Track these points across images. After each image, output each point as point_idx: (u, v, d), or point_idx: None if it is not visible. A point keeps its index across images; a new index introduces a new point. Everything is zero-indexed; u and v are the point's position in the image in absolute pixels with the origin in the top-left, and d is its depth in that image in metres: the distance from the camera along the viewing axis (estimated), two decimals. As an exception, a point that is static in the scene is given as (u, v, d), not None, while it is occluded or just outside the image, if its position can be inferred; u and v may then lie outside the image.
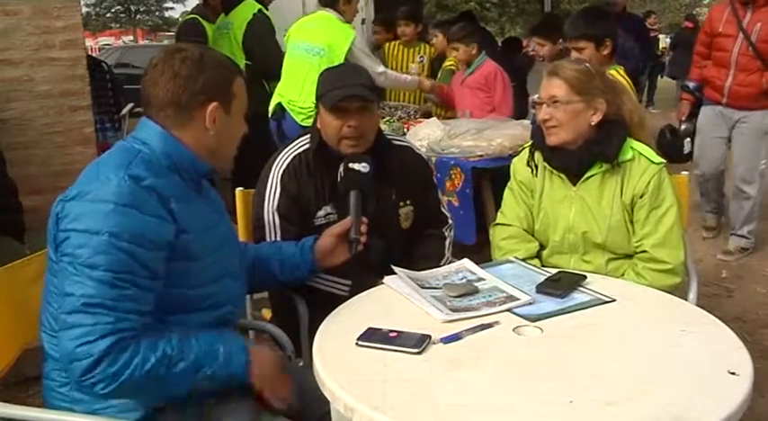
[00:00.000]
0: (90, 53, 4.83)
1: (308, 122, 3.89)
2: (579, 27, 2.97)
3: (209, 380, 1.38)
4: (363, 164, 1.85)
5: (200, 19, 4.94)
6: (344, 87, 1.92)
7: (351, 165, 1.86)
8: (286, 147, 2.07)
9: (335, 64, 3.48)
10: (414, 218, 2.13)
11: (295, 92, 3.88)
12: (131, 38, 37.09)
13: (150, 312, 1.36)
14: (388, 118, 4.16)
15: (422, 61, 4.89)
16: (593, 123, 1.95)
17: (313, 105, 3.90)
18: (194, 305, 1.46)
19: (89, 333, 1.27)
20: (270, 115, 4.00)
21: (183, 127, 1.45)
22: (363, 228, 1.78)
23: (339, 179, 1.89)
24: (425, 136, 3.64)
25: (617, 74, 2.77)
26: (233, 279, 1.58)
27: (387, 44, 5.06)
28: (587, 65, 2.00)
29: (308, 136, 2.06)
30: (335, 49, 3.73)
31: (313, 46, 3.81)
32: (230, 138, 1.54)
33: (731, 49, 3.98)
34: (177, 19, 41.38)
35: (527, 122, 3.61)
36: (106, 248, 1.29)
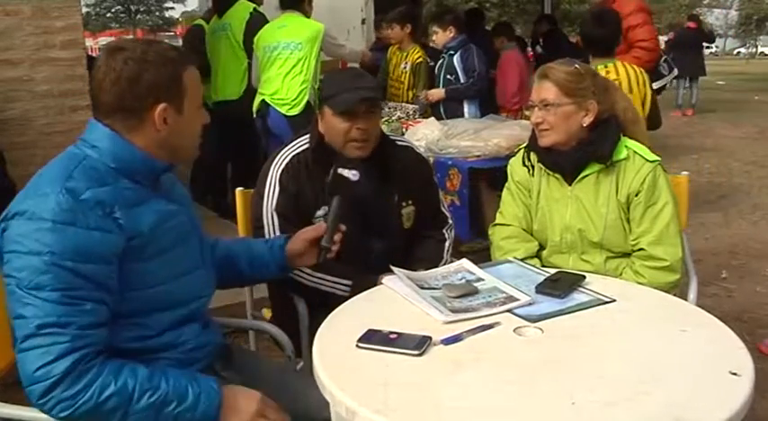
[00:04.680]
0: (90, 53, 4.84)
1: (293, 112, 4.09)
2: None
3: None
4: (354, 172, 1.83)
5: (205, 24, 5.01)
6: (355, 91, 1.91)
7: (340, 170, 1.83)
8: (285, 146, 2.07)
9: (313, 54, 4.12)
10: (415, 218, 2.13)
11: (276, 86, 4.14)
12: (131, 38, 37.06)
13: (107, 323, 1.32)
14: (386, 118, 4.17)
15: (405, 69, 4.86)
16: (585, 125, 1.95)
17: (296, 95, 4.09)
18: (155, 304, 1.42)
19: (46, 353, 1.23)
20: (254, 114, 4.24)
21: (133, 130, 1.39)
22: (337, 237, 1.73)
23: (327, 182, 1.87)
24: (424, 136, 3.64)
25: (602, 68, 2.83)
26: (197, 270, 1.53)
27: (390, 48, 5.05)
28: (577, 66, 2.00)
29: (307, 136, 2.05)
30: (311, 41, 4.15)
31: (290, 42, 4.14)
32: (187, 134, 1.47)
33: None
34: (177, 19, 41.40)
35: (525, 122, 3.62)
36: (48, 268, 1.25)
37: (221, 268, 1.71)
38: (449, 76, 4.54)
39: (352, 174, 1.82)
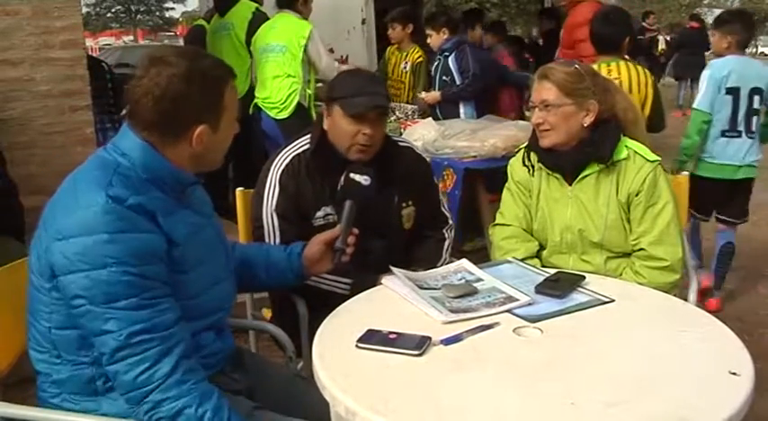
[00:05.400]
0: (90, 53, 4.84)
1: (282, 115, 4.09)
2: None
3: None
4: (365, 177, 1.83)
5: (206, 25, 5.01)
6: (370, 96, 1.90)
7: (352, 175, 1.83)
8: (285, 147, 2.07)
9: (300, 55, 4.03)
10: (415, 218, 2.13)
11: (266, 90, 4.15)
12: (131, 38, 37.07)
13: (181, 317, 1.36)
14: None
15: (405, 69, 4.84)
16: (585, 125, 1.95)
17: (285, 98, 4.05)
18: (186, 315, 1.42)
19: (141, 360, 1.28)
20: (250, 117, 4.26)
21: (168, 145, 1.40)
22: (351, 240, 1.74)
23: (339, 187, 1.88)
24: (421, 136, 3.63)
25: (605, 67, 2.83)
26: (223, 282, 1.55)
27: (388, 48, 5.05)
28: (577, 67, 2.00)
29: (308, 136, 2.05)
30: (294, 43, 4.07)
31: (274, 44, 4.12)
32: (219, 148, 1.49)
33: None
34: (177, 19, 41.47)
35: (522, 123, 3.62)
36: (117, 278, 1.28)
37: (237, 273, 1.71)
38: (444, 78, 4.54)
39: (363, 179, 1.83)
